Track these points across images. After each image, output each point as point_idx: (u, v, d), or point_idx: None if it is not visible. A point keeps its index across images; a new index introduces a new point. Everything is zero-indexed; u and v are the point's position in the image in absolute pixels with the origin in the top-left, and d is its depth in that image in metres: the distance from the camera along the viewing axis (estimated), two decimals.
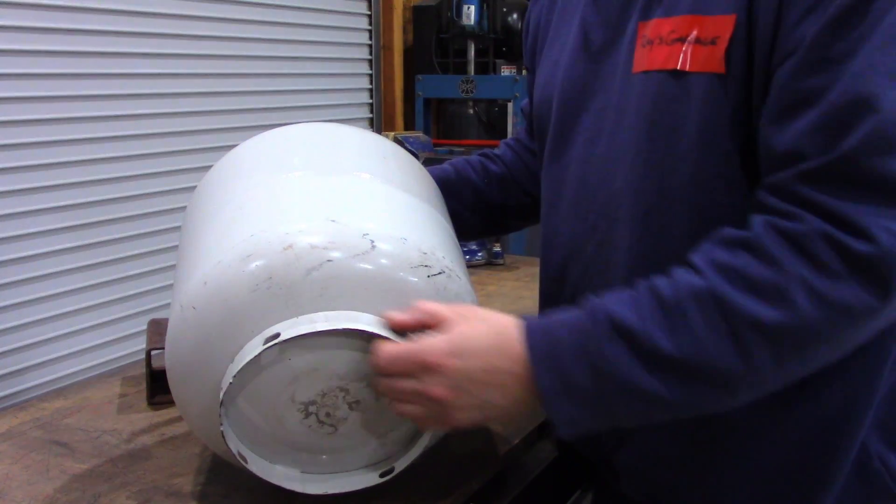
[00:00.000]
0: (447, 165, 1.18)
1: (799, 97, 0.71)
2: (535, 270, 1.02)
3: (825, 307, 0.68)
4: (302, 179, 0.87)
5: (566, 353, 0.74)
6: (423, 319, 0.77)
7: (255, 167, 0.93)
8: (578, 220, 0.91)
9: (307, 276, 0.75)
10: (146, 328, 1.20)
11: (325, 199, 0.83)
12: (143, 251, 2.32)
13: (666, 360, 0.71)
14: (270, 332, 0.75)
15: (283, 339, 0.74)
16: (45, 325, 2.09)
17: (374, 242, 0.76)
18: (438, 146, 2.91)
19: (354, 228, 0.77)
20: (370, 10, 3.21)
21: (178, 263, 0.90)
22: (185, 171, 2.40)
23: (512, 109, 3.20)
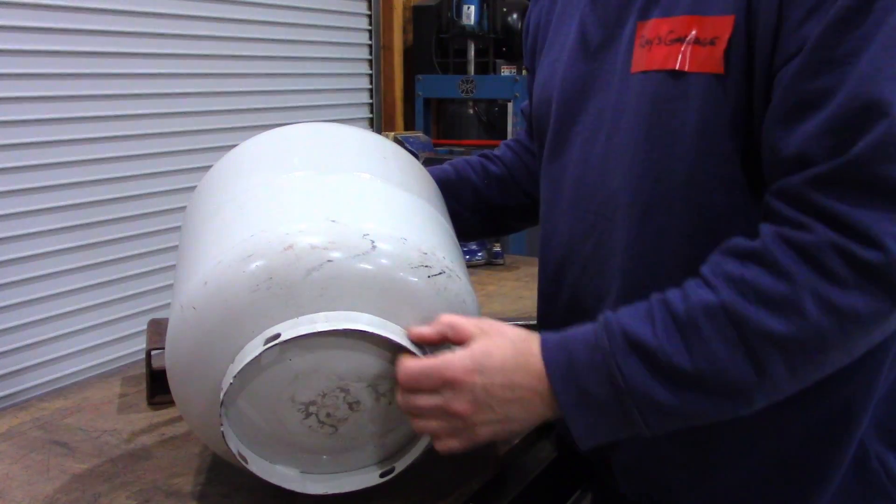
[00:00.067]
0: (447, 166, 1.18)
1: (805, 99, 0.71)
2: (535, 270, 1.02)
3: (836, 316, 0.69)
4: (302, 179, 0.87)
5: (584, 368, 0.75)
6: (445, 333, 0.78)
7: (255, 167, 0.93)
8: (576, 219, 0.91)
9: (307, 276, 0.75)
10: (146, 328, 1.20)
11: (325, 199, 0.83)
12: (143, 251, 2.32)
13: (681, 374, 0.72)
14: (271, 332, 0.75)
15: (283, 339, 0.74)
16: (45, 325, 2.09)
17: (374, 243, 0.76)
18: (438, 146, 2.91)
19: (355, 229, 0.77)
20: (370, 10, 3.21)
21: (177, 263, 0.90)
22: (185, 171, 2.40)
23: (512, 109, 3.20)
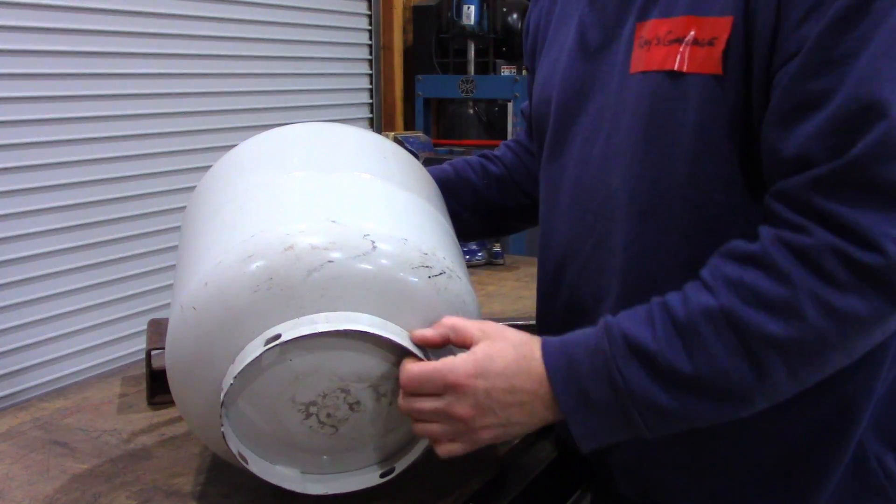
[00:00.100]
0: (447, 166, 1.18)
1: (804, 100, 0.71)
2: (534, 270, 1.02)
3: (836, 319, 0.69)
4: (302, 179, 0.87)
5: (585, 372, 0.75)
6: (447, 335, 0.78)
7: (254, 167, 0.93)
8: (576, 219, 0.91)
9: (308, 276, 0.75)
10: (146, 328, 1.20)
11: (325, 199, 0.83)
12: (143, 251, 2.32)
13: (682, 378, 0.72)
14: (271, 333, 0.75)
15: (284, 340, 0.73)
16: (45, 325, 2.09)
17: (374, 243, 0.76)
18: (438, 146, 2.91)
19: (355, 229, 0.77)
20: (370, 10, 3.21)
21: (177, 264, 0.90)
22: (185, 171, 2.40)
23: (512, 109, 3.20)
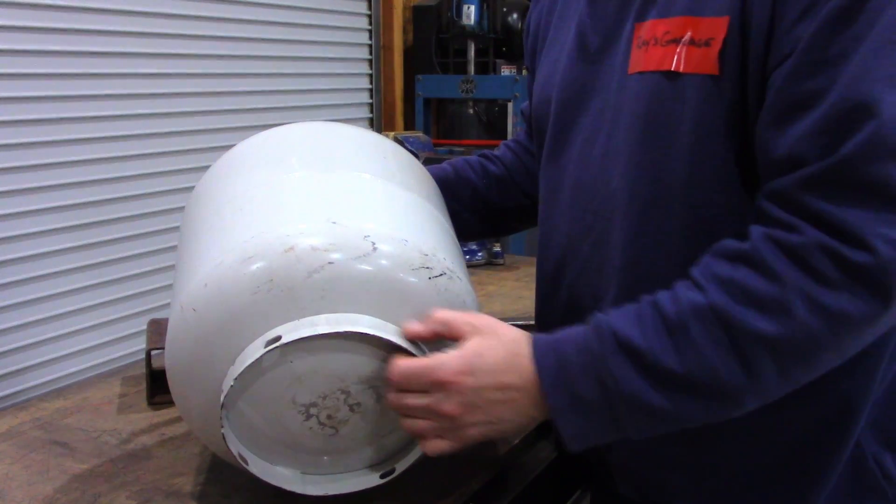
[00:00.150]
0: (446, 165, 1.18)
1: (796, 100, 0.71)
2: (535, 270, 1.02)
3: (825, 318, 0.69)
4: (302, 179, 0.87)
5: (574, 370, 0.75)
6: (438, 330, 0.77)
7: (254, 167, 0.92)
8: (575, 219, 0.91)
9: (308, 278, 0.75)
10: (146, 328, 1.20)
11: (325, 199, 0.83)
12: (143, 251, 2.32)
13: (671, 376, 0.72)
14: (271, 334, 0.75)
15: (284, 342, 0.73)
16: (45, 325, 2.09)
17: (375, 244, 0.76)
18: (438, 146, 2.90)
19: (355, 230, 0.77)
20: (370, 10, 3.21)
21: (177, 264, 0.90)
22: (185, 170, 2.40)
23: (512, 109, 3.19)
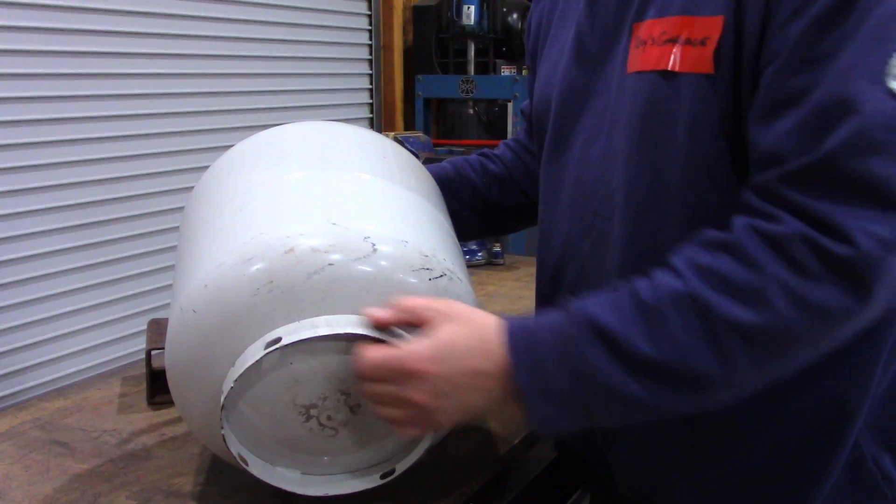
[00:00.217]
0: (446, 164, 1.17)
1: (783, 97, 0.71)
2: (534, 270, 1.02)
3: (803, 309, 0.68)
4: (301, 180, 0.87)
5: (546, 355, 0.74)
6: (403, 318, 0.76)
7: (253, 167, 0.92)
8: (575, 219, 0.91)
9: (308, 279, 0.75)
10: (146, 328, 1.20)
11: (325, 200, 0.83)
12: (143, 251, 2.32)
13: (645, 362, 0.71)
14: (271, 336, 0.75)
15: (284, 343, 0.73)
16: (45, 325, 2.09)
17: (375, 245, 0.76)
18: (438, 146, 2.90)
19: (355, 231, 0.77)
20: (370, 10, 3.21)
21: (177, 264, 0.90)
22: (185, 170, 2.40)
23: (512, 109, 3.20)
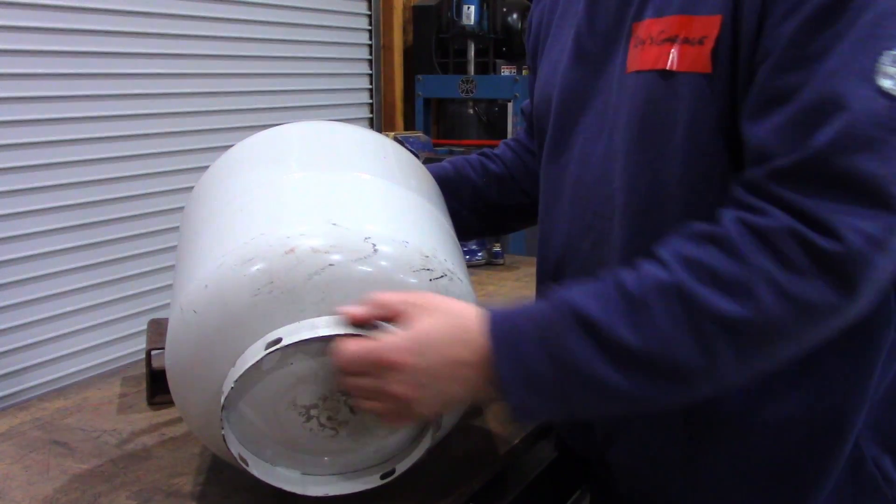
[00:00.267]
0: (446, 164, 1.18)
1: (773, 94, 0.71)
2: (534, 270, 1.02)
3: (788, 304, 0.68)
4: (301, 180, 0.87)
5: (527, 342, 0.73)
6: (378, 313, 0.75)
7: (253, 167, 0.92)
8: (575, 219, 0.91)
9: (309, 280, 0.75)
10: (146, 328, 1.20)
11: (325, 200, 0.83)
12: (143, 251, 2.32)
13: (627, 352, 0.70)
14: (272, 336, 0.74)
15: (284, 344, 0.73)
16: (45, 325, 2.09)
17: (375, 246, 0.76)
18: (438, 146, 2.90)
19: (356, 232, 0.77)
20: (370, 10, 3.21)
21: (177, 265, 0.90)
22: (185, 171, 2.40)
23: (512, 109, 3.20)
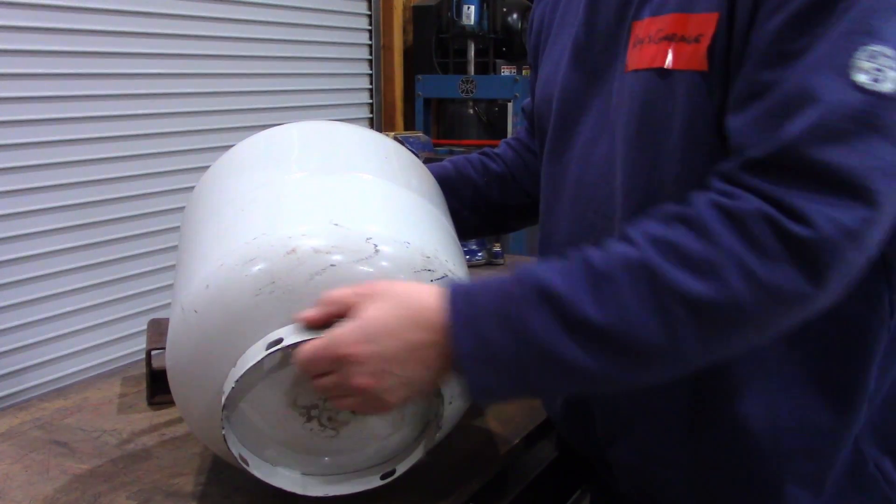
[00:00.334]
0: (447, 163, 1.17)
1: (753, 90, 0.71)
2: None
3: (757, 288, 0.67)
4: (303, 180, 0.87)
5: (487, 317, 0.71)
6: (332, 311, 0.75)
7: (254, 167, 0.92)
8: (576, 218, 0.91)
9: (310, 280, 0.75)
10: (146, 328, 1.20)
11: (327, 201, 0.83)
12: (143, 251, 2.32)
13: (590, 327, 0.69)
14: (273, 337, 0.74)
15: (285, 344, 0.73)
16: (45, 325, 2.09)
17: (377, 246, 0.76)
18: (438, 146, 2.90)
19: (358, 232, 0.77)
20: (370, 10, 3.21)
21: (177, 265, 0.90)
22: (185, 171, 2.40)
23: (512, 109, 3.20)
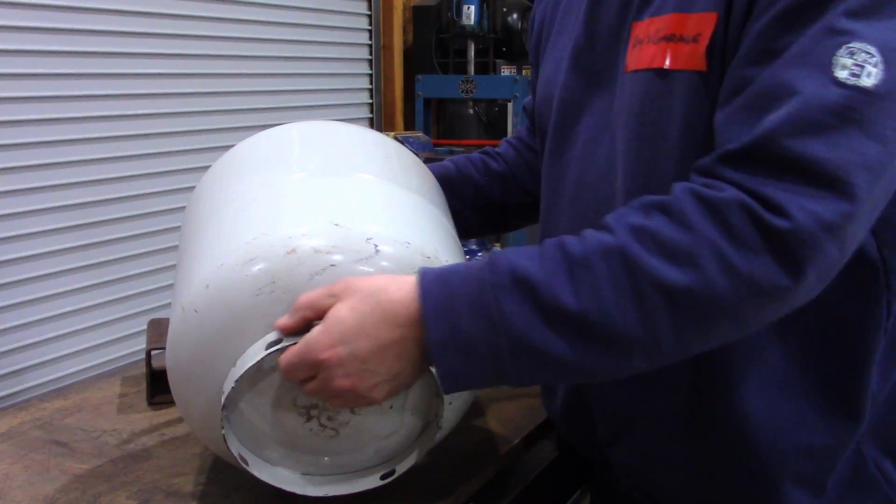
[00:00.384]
0: (448, 162, 1.18)
1: (736, 86, 0.72)
2: None
3: (733, 278, 0.66)
4: (303, 180, 0.87)
5: (461, 303, 0.70)
6: (305, 315, 0.74)
7: (255, 167, 0.92)
8: (577, 217, 0.91)
9: (310, 280, 0.75)
10: (146, 328, 1.20)
11: (327, 201, 0.83)
12: (143, 251, 2.31)
13: (565, 314, 0.68)
14: (273, 336, 0.75)
15: (285, 344, 0.74)
16: (45, 325, 2.09)
17: (377, 247, 0.76)
18: (438, 146, 2.90)
19: (358, 232, 0.77)
20: (370, 10, 3.21)
21: (178, 265, 0.90)
22: (185, 171, 2.39)
23: (512, 109, 3.19)
